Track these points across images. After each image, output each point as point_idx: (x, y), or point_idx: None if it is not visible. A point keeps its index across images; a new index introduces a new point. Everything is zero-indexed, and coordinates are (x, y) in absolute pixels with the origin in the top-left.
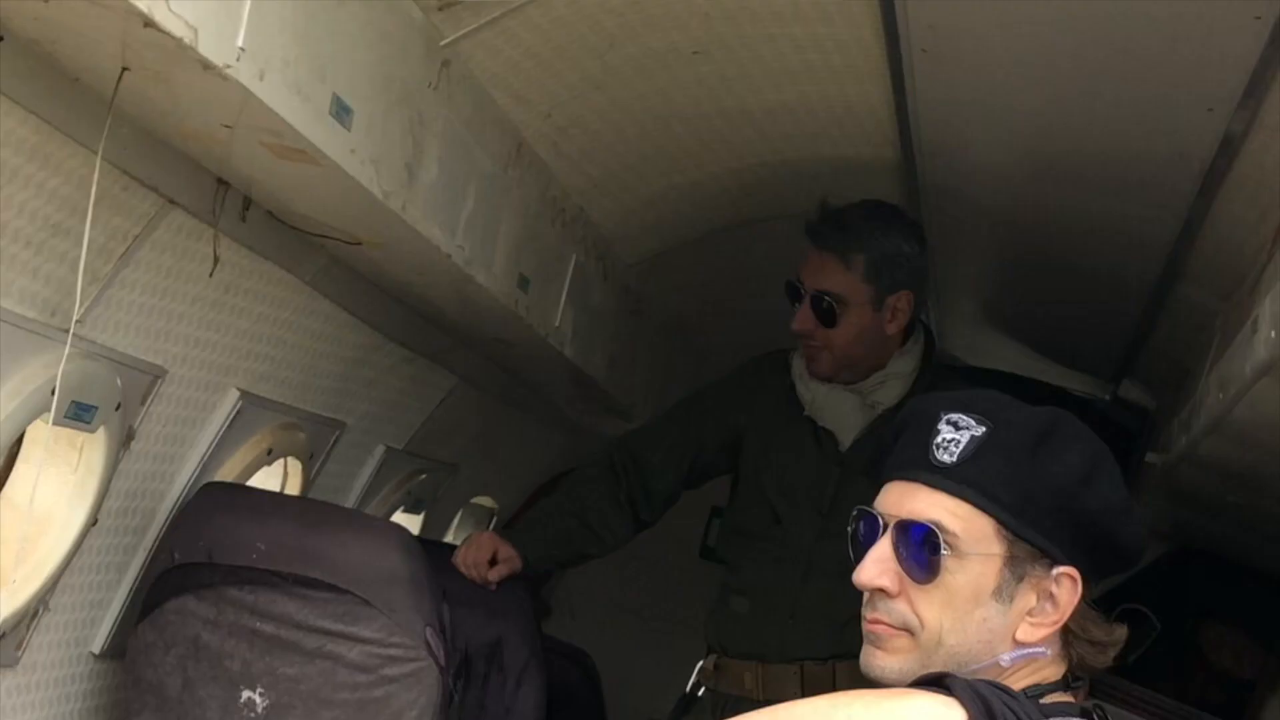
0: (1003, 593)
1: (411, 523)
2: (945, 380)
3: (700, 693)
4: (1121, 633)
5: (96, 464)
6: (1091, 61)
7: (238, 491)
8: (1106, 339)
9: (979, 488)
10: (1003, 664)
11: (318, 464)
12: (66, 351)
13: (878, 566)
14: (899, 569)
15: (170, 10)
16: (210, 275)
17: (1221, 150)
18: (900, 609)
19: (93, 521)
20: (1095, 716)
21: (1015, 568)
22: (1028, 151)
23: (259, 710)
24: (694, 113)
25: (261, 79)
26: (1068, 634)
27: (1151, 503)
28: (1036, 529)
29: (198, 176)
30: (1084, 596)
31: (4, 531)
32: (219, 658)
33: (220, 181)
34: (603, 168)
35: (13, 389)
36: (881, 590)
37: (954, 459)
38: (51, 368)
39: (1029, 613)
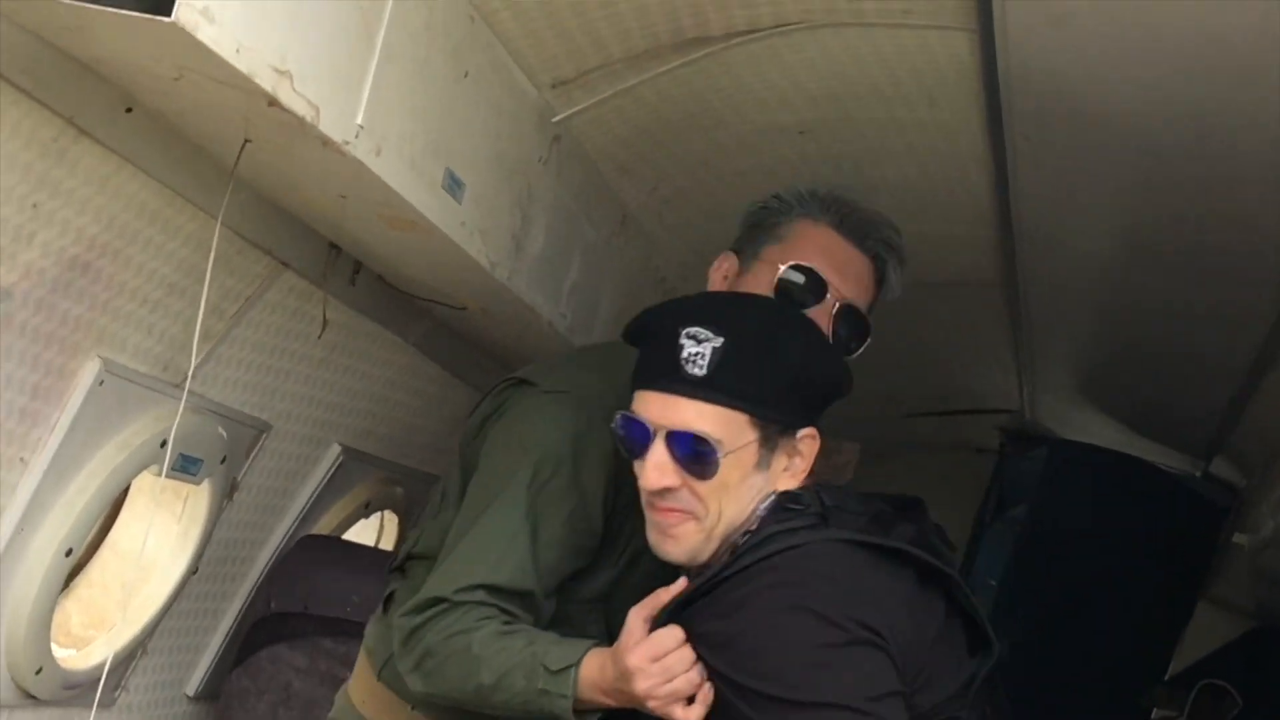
0: (761, 463)
1: None
2: None
3: None
4: (851, 450)
5: (200, 514)
6: (1190, 146)
7: (335, 544)
8: (1200, 416)
9: (730, 392)
10: (759, 512)
11: (414, 519)
12: (181, 408)
13: (659, 471)
14: (678, 469)
15: (294, 90)
16: (319, 336)
17: None
18: (686, 497)
19: (194, 570)
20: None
21: (768, 443)
22: (1125, 238)
23: None
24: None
25: (378, 154)
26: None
27: (1237, 581)
28: (778, 410)
29: (311, 241)
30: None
31: (108, 577)
32: (310, 705)
33: (332, 246)
34: (705, 238)
35: (123, 441)
36: (668, 488)
37: (703, 371)
38: (162, 421)
39: (784, 469)
